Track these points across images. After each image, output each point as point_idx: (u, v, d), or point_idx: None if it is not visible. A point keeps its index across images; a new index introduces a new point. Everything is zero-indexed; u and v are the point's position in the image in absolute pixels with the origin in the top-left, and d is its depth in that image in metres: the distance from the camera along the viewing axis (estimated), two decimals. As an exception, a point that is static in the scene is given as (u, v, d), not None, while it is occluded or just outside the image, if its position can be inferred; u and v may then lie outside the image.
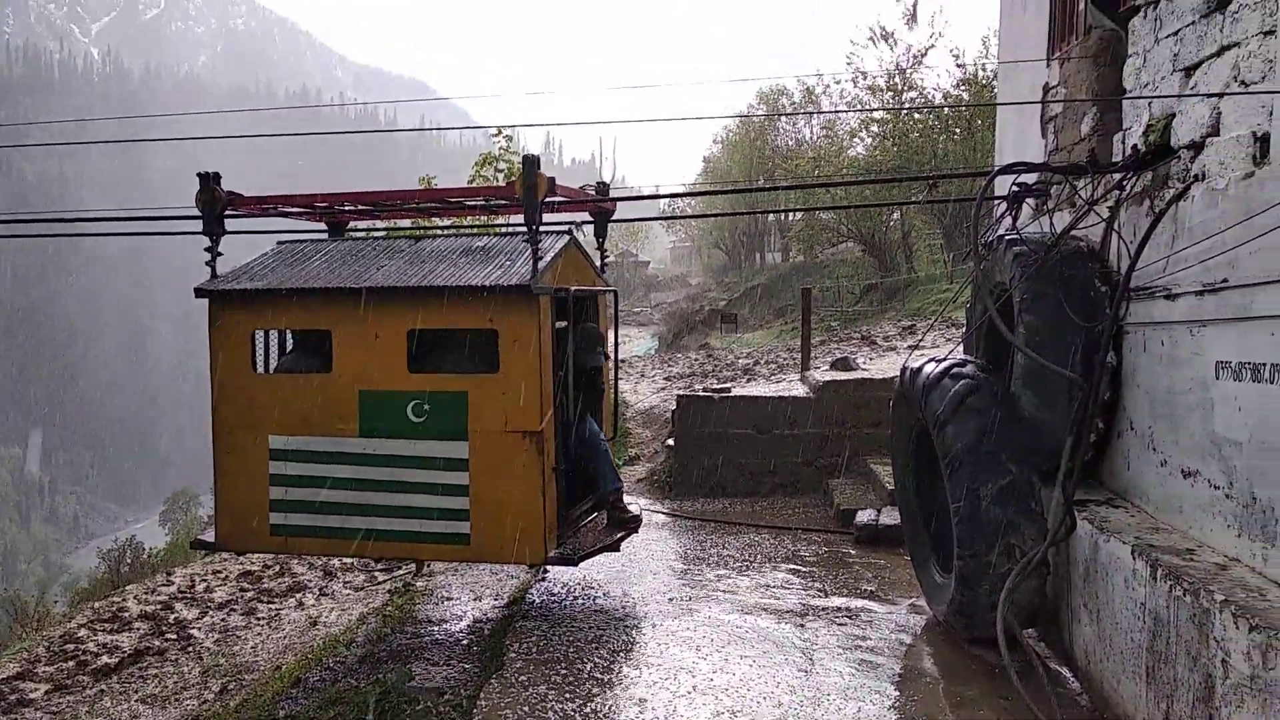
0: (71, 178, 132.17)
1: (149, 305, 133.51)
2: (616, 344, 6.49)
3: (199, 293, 5.66)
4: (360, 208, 6.42)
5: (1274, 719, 2.76)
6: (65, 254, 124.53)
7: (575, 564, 5.54)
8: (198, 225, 5.78)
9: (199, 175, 5.75)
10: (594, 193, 6.24)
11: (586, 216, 6.48)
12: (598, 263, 6.45)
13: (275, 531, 5.60)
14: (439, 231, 8.41)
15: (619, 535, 5.89)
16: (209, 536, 5.91)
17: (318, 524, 5.52)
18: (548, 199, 5.31)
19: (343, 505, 5.43)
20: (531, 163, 5.23)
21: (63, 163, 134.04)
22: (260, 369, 5.83)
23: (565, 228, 5.88)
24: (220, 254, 5.78)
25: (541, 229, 5.37)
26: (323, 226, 6.59)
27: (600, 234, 6.59)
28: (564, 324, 5.68)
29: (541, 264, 5.18)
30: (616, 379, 6.57)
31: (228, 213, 5.80)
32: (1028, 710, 3.98)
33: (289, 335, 6.17)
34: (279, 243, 6.23)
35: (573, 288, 5.62)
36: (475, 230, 8.54)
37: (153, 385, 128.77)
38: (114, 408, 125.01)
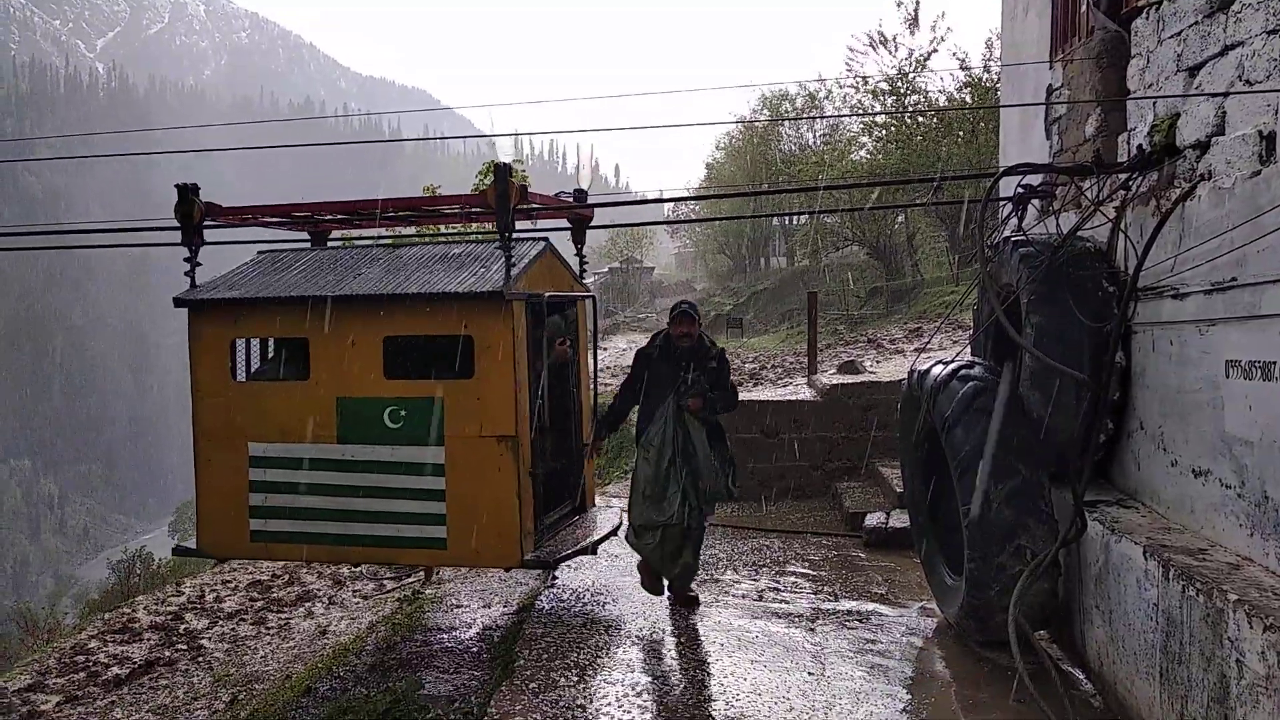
0: (77, 191, 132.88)
1: (154, 317, 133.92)
2: (596, 349, 6.53)
3: (178, 302, 5.71)
4: (339, 217, 6.46)
5: (1290, 719, 2.74)
6: (70, 268, 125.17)
7: (553, 567, 5.54)
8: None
9: (176, 187, 5.80)
10: (571, 200, 6.24)
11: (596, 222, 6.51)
12: (577, 269, 6.46)
13: (255, 537, 5.64)
14: (444, 239, 8.44)
15: (598, 538, 5.87)
16: (191, 543, 5.97)
17: (297, 530, 5.56)
18: (521, 206, 5.33)
19: (321, 511, 5.47)
20: (503, 170, 5.26)
21: (69, 176, 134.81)
22: (240, 377, 5.86)
23: (541, 235, 5.93)
24: (199, 264, 5.82)
25: (517, 235, 5.39)
26: (345, 233, 6.66)
27: (578, 240, 6.59)
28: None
29: (515, 270, 5.20)
30: (596, 382, 6.62)
31: (207, 223, 5.84)
32: (1041, 713, 3.96)
33: (271, 342, 6.19)
34: (259, 252, 6.27)
35: (546, 294, 5.63)
36: (478, 238, 8.59)
37: (160, 396, 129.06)
38: (122, 419, 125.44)
